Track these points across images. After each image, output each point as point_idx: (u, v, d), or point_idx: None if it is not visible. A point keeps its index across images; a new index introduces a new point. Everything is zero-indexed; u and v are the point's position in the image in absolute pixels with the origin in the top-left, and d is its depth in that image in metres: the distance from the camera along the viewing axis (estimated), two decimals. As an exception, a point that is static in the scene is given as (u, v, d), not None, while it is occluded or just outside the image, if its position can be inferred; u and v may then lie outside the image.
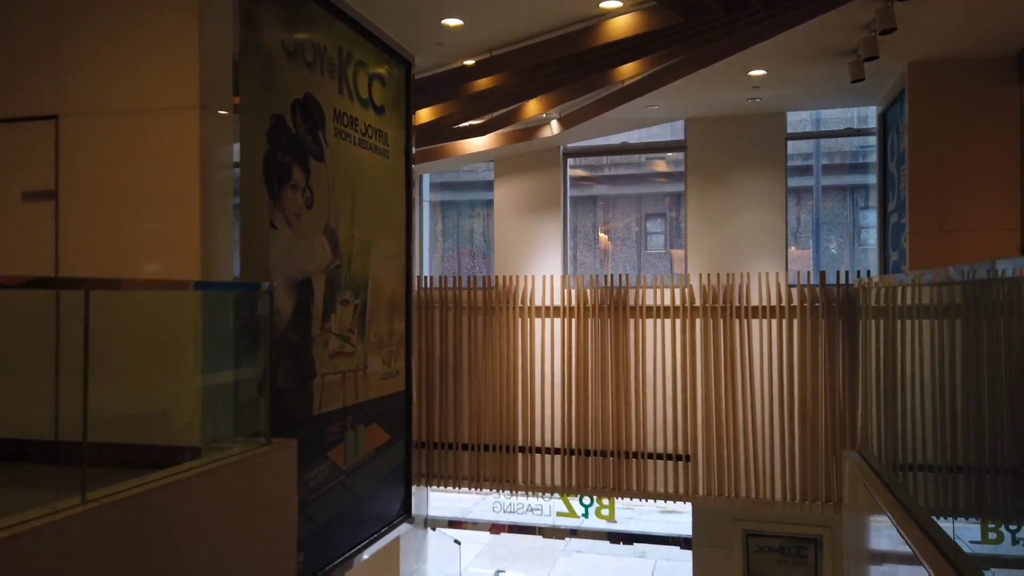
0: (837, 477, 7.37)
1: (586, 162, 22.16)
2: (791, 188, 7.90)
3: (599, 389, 8.06)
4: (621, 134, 8.22)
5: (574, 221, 8.78)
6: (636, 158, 22.68)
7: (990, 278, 2.78)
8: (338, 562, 4.59)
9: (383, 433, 5.26)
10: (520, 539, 16.90)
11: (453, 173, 24.69)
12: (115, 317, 3.10)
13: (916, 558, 3.05)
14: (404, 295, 5.61)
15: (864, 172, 17.24)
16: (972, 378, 3.06)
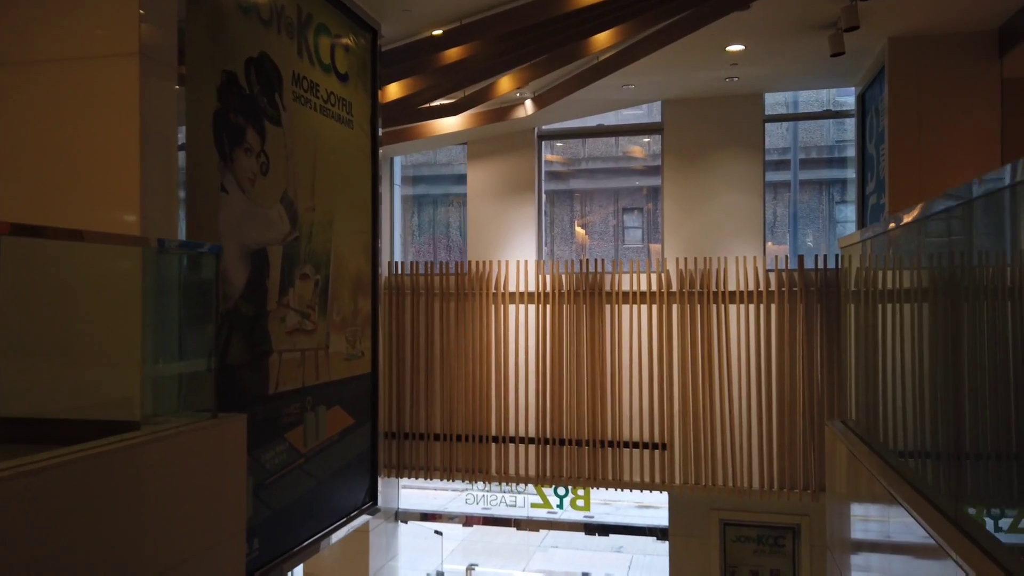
0: (816, 465, 7.24)
1: (563, 154, 21.99)
2: (767, 182, 7.76)
3: (574, 377, 7.88)
4: (597, 116, 8.04)
5: (551, 214, 8.59)
6: (613, 151, 22.56)
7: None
8: (297, 550, 4.35)
9: (346, 417, 5.03)
10: (495, 535, 16.69)
11: (428, 167, 24.38)
12: (45, 277, 2.84)
13: (935, 549, 2.86)
14: (370, 273, 5.37)
15: (840, 166, 17.23)
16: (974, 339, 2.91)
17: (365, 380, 5.33)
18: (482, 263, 8.14)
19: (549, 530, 8.66)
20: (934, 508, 3.12)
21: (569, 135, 8.58)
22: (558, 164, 22.06)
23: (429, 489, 10.01)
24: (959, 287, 3.01)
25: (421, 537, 11.17)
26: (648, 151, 18.23)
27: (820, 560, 7.42)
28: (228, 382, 3.71)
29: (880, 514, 3.93)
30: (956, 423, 3.02)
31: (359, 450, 5.25)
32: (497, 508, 8.85)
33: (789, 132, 19.90)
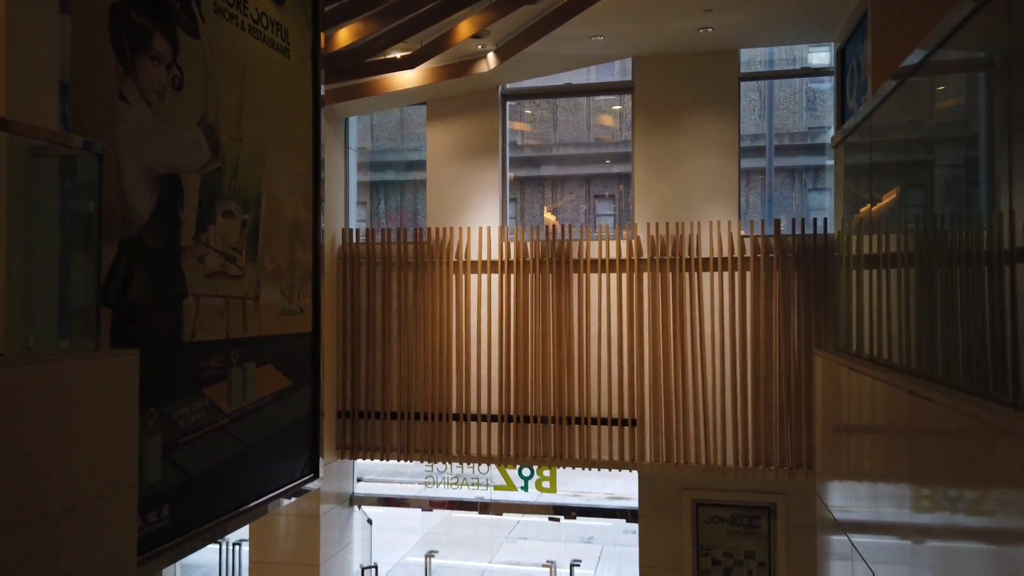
0: (792, 440, 6.88)
1: (534, 140, 21.59)
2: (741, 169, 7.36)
3: (539, 350, 7.43)
4: (564, 74, 7.60)
5: (520, 201, 8.15)
6: (585, 137, 22.20)
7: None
8: (219, 522, 3.84)
9: (281, 378, 4.52)
10: (461, 527, 16.23)
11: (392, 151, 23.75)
12: None
13: (986, 428, 2.38)
14: (311, 223, 4.87)
15: (814, 153, 17.01)
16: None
17: (304, 340, 4.83)
18: (442, 230, 7.67)
19: (514, 513, 8.20)
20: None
21: (535, 95, 8.14)
22: (529, 150, 21.65)
23: (395, 483, 9.53)
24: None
25: (384, 529, 10.66)
26: (618, 123, 17.84)
27: (797, 540, 7.06)
28: (130, 322, 3.20)
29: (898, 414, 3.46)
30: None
31: (297, 416, 4.75)
32: (456, 492, 8.37)
33: (763, 119, 19.69)
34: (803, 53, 22.58)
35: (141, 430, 3.14)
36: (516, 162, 15.93)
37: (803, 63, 22.84)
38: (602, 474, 19.71)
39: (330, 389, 7.76)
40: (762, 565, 7.17)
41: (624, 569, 13.59)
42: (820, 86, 22.64)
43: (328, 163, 7.69)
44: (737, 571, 7.21)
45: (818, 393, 5.76)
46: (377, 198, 12.83)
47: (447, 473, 8.37)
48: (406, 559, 12.72)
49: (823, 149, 12.66)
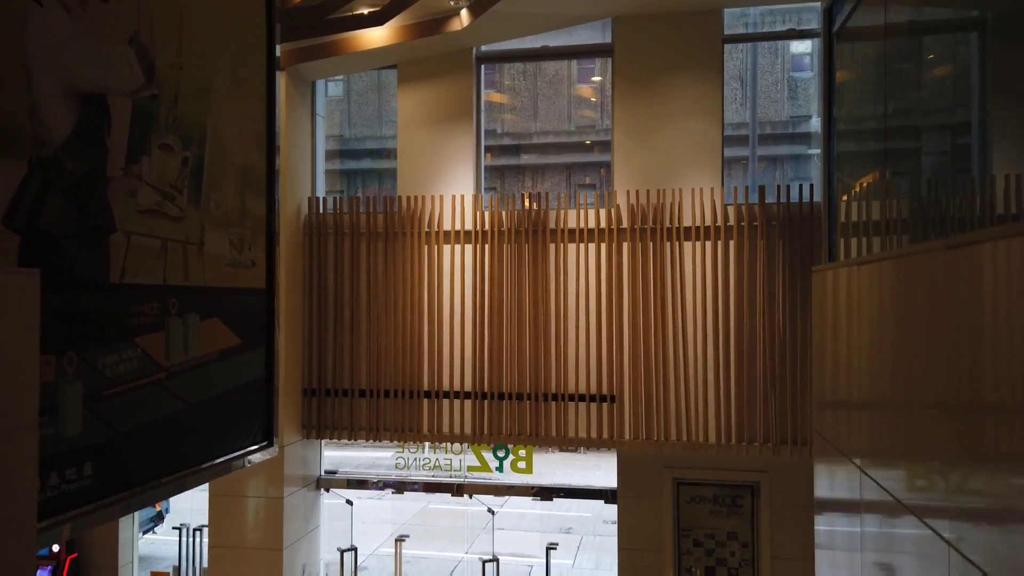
0: (777, 416, 6.61)
1: (514, 129, 21.30)
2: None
3: (514, 324, 7.11)
4: (541, 35, 7.28)
5: (500, 190, 7.80)
6: (566, 125, 21.95)
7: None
8: (155, 485, 3.48)
9: (230, 335, 4.17)
10: (438, 518, 15.90)
11: (370, 138, 23.31)
12: None
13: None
14: (265, 171, 4.52)
15: (795, 142, 16.85)
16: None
17: (258, 296, 4.48)
18: (414, 199, 7.32)
19: (489, 495, 7.87)
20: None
21: (510, 58, 7.82)
22: (509, 138, 21.33)
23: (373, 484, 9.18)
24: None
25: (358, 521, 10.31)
26: (599, 111, 17.62)
27: (780, 520, 6.80)
28: (43, 252, 2.84)
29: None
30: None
31: (249, 378, 4.40)
32: (429, 475, 8.03)
33: (746, 108, 19.54)
34: (785, 43, 22.31)
35: (58, 375, 2.80)
36: (496, 150, 15.61)
37: (786, 51, 22.55)
38: (582, 466, 19.43)
39: (295, 366, 7.40)
40: (745, 546, 6.90)
41: (603, 559, 13.34)
42: (802, 75, 22.52)
43: (294, 128, 7.33)
44: (719, 552, 6.94)
45: (817, 314, 5.37)
46: (354, 187, 12.50)
47: (419, 455, 8.04)
48: (379, 550, 12.39)
49: (805, 138, 12.46)
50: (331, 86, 24.60)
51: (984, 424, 2.32)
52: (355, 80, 24.52)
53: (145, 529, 12.00)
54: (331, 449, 9.25)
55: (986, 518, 2.33)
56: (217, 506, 7.24)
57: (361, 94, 24.39)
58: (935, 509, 2.75)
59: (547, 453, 21.42)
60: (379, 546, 12.83)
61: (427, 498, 17.62)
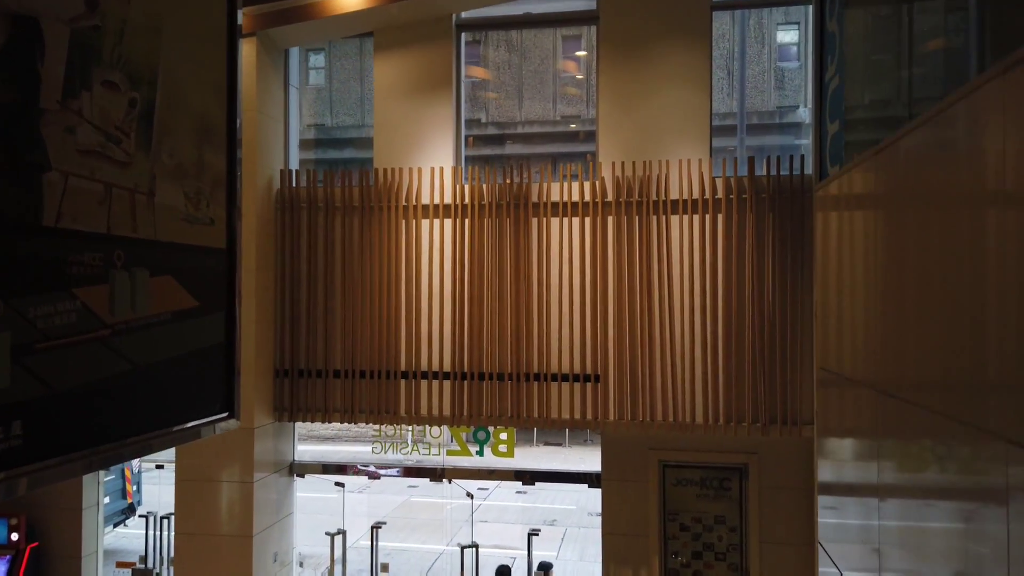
0: (767, 394, 6.39)
1: (497, 119, 21.01)
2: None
3: (496, 301, 6.85)
4: (524, 1, 7.01)
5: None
6: (551, 114, 21.68)
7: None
8: (97, 451, 3.19)
9: (185, 295, 3.87)
10: (419, 510, 15.63)
11: (352, 127, 22.92)
12: None
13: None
14: (225, 124, 4.22)
15: (782, 132, 16.71)
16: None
17: (217, 257, 4.17)
18: (390, 171, 7.04)
19: (470, 479, 7.61)
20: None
21: (491, 25, 7.55)
22: (494, 127, 21.04)
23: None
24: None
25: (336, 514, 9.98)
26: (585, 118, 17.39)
27: (770, 503, 6.58)
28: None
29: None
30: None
31: (208, 344, 4.09)
32: (407, 459, 7.75)
33: (733, 98, 19.38)
34: (771, 29, 22.14)
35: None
36: (480, 140, 15.33)
37: (772, 41, 22.31)
38: (565, 460, 19.25)
39: (267, 346, 7.09)
40: (733, 530, 6.68)
41: (587, 551, 13.12)
42: (789, 65, 22.31)
43: (266, 96, 7.02)
44: (707, 536, 6.71)
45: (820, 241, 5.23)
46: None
47: (396, 440, 7.77)
48: (359, 543, 12.09)
49: (794, 128, 12.30)
50: (312, 74, 24.27)
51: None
52: (337, 68, 24.16)
53: (116, 522, 11.63)
54: (306, 445, 8.89)
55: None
56: (184, 491, 6.93)
57: (343, 83, 24.01)
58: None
59: (530, 447, 21.21)
60: (359, 539, 12.54)
61: (408, 491, 17.38)
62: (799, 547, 6.46)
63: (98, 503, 7.90)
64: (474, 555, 7.48)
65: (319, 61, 23.83)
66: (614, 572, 6.84)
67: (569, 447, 19.90)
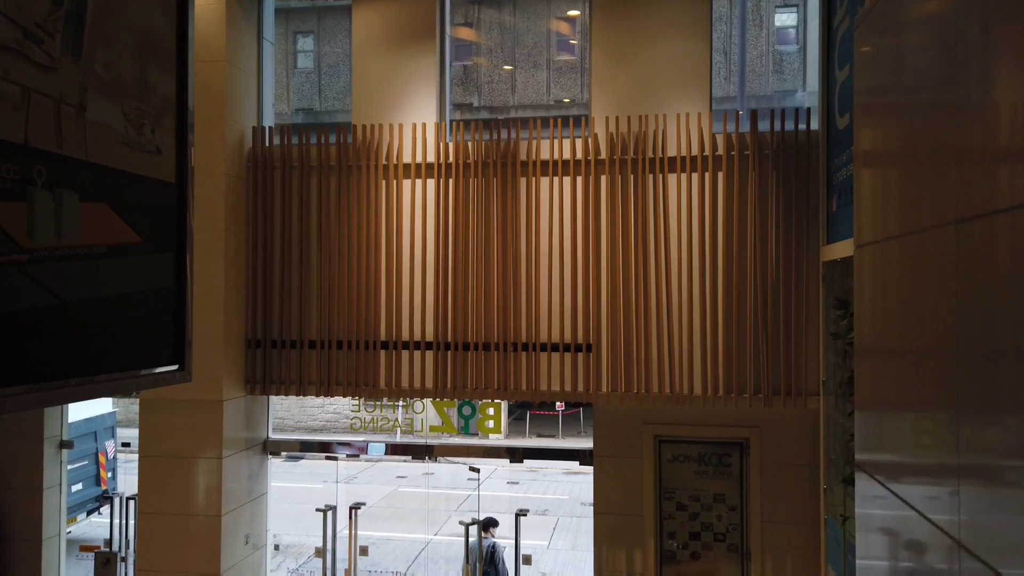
0: (770, 364, 5.99)
1: (489, 103, 20.55)
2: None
3: (482, 266, 6.44)
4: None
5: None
6: (544, 99, 21.31)
7: None
8: (8, 393, 2.76)
9: (125, 229, 3.45)
10: (407, 500, 15.21)
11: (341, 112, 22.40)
12: None
13: None
14: (174, 43, 3.79)
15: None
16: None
17: (165, 191, 3.75)
18: (370, 128, 6.61)
19: (456, 457, 7.19)
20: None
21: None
22: (486, 112, 20.57)
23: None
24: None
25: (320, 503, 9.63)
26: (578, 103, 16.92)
27: (772, 480, 6.18)
28: None
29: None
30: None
31: (152, 287, 3.67)
32: (391, 437, 7.34)
33: (733, 84, 18.97)
34: (770, 12, 21.69)
35: None
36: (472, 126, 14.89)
37: (771, 24, 21.88)
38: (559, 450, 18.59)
39: (238, 314, 6.66)
40: (733, 509, 6.28)
41: (579, 540, 12.73)
42: (787, 48, 21.86)
43: (237, 48, 6.58)
44: (705, 516, 6.31)
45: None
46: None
47: (376, 415, 7.37)
48: (343, 532, 11.65)
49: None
50: (300, 57, 23.69)
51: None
52: (325, 53, 23.64)
53: (90, 510, 11.17)
54: (296, 435, 8.45)
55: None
56: (148, 468, 6.49)
57: (332, 66, 23.48)
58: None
59: (522, 438, 20.72)
60: (342, 528, 12.12)
61: (396, 482, 16.96)
62: (803, 527, 6.07)
63: (60, 483, 7.46)
64: (478, 532, 7.10)
65: (307, 44, 23.35)
66: (606, 555, 6.43)
67: (563, 438, 19.53)
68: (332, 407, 19.57)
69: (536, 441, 18.28)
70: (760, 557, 6.18)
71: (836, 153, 5.52)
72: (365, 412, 7.47)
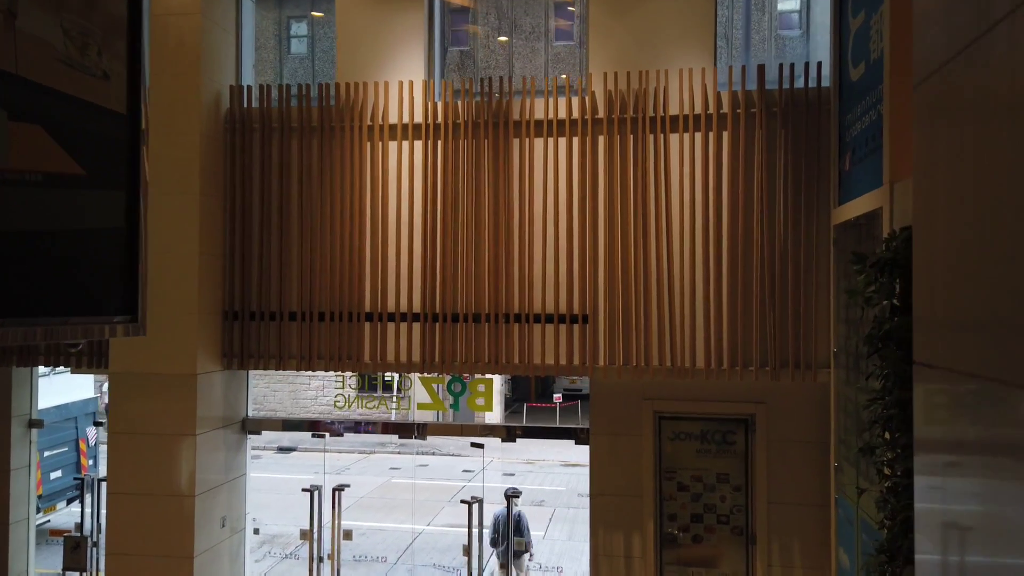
0: (777, 334, 5.64)
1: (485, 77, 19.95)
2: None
3: (472, 233, 6.08)
4: None
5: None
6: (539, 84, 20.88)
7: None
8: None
9: (64, 157, 3.08)
10: (401, 490, 14.86)
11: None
12: None
13: None
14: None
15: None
16: None
17: (114, 121, 3.38)
18: (354, 87, 6.24)
19: (446, 436, 6.83)
20: None
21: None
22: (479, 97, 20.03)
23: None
24: None
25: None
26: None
27: (779, 459, 5.83)
28: None
29: None
30: None
31: (97, 225, 3.31)
32: (376, 414, 6.99)
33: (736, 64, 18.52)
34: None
35: None
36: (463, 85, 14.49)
37: (773, 8, 21.54)
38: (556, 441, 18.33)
39: (214, 284, 6.29)
40: (737, 489, 5.93)
41: (576, 531, 12.39)
42: (790, 33, 21.48)
43: (211, 1, 6.21)
44: (708, 497, 5.95)
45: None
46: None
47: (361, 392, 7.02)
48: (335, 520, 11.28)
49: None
50: (295, 43, 23.27)
51: None
52: (320, 37, 23.25)
53: (70, 497, 10.81)
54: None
55: None
56: (117, 446, 6.13)
57: (326, 52, 23.09)
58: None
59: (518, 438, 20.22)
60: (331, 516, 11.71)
61: (389, 473, 16.60)
62: (812, 508, 5.72)
63: (30, 465, 7.10)
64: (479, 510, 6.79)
65: (301, 29, 22.99)
66: (603, 538, 6.08)
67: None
68: (326, 399, 19.18)
69: (535, 452, 17.90)
70: (766, 540, 5.83)
71: (849, 107, 5.16)
72: (360, 405, 7.12)
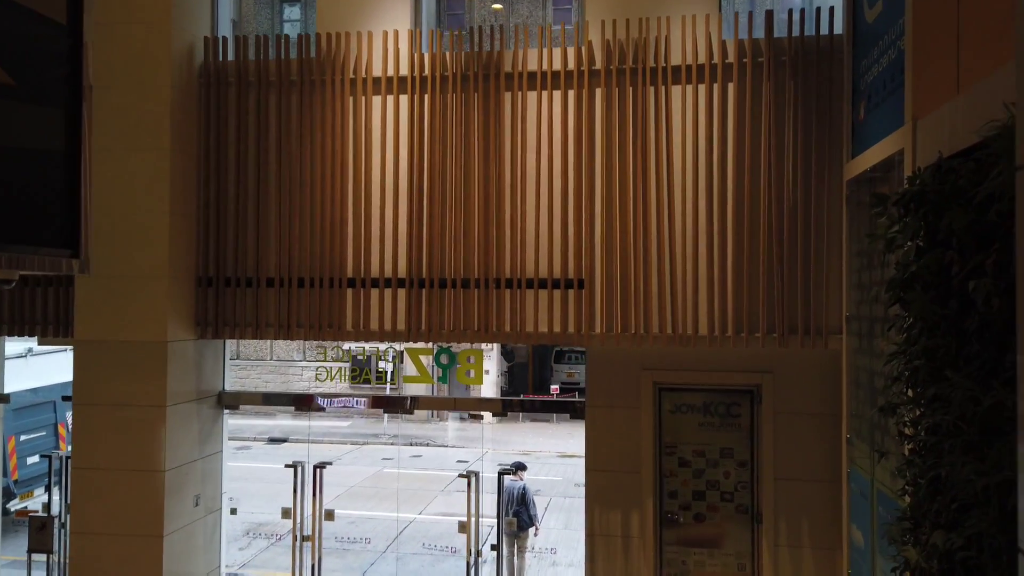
0: (786, 298, 5.28)
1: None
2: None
3: (461, 194, 5.72)
4: None
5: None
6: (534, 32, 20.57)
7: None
8: None
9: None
10: (394, 478, 14.49)
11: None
12: None
13: None
14: None
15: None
16: None
17: (49, 29, 3.01)
18: (335, 37, 5.88)
19: (437, 410, 6.47)
20: None
21: None
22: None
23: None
24: None
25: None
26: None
27: (786, 432, 5.48)
28: None
29: None
30: None
31: (30, 145, 2.94)
32: (360, 389, 6.62)
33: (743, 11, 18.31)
34: None
35: None
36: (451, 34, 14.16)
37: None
38: (554, 434, 17.98)
39: (187, 249, 5.93)
40: (742, 465, 5.57)
41: (572, 520, 12.05)
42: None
43: (185, -54, 5.84)
44: (711, 473, 5.60)
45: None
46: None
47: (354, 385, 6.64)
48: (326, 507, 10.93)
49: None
50: (287, 27, 22.86)
51: None
52: (312, 23, 22.82)
53: (46, 484, 10.42)
54: (239, 417, 7.50)
55: None
56: (83, 418, 5.76)
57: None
58: None
59: (515, 423, 19.92)
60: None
61: (381, 463, 16.24)
62: (822, 484, 5.37)
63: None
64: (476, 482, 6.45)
65: (294, 13, 22.63)
66: (599, 516, 5.73)
67: (557, 423, 18.86)
68: (319, 389, 18.84)
69: (532, 441, 17.56)
70: (772, 518, 5.48)
71: (865, 52, 4.80)
72: (351, 387, 6.76)
